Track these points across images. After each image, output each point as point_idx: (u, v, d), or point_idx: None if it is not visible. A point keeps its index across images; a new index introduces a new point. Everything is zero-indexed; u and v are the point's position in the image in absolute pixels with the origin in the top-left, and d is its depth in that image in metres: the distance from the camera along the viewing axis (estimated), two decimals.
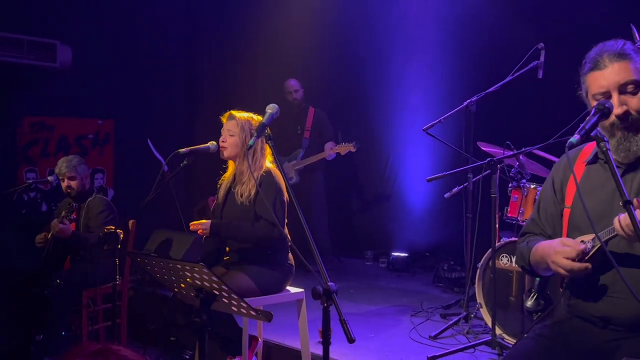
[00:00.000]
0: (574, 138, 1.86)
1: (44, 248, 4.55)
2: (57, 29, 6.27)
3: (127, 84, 7.03)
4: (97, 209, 4.58)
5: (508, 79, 4.34)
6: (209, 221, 3.53)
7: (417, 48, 6.71)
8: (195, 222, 3.52)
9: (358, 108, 7.10)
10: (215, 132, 3.83)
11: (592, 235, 2.05)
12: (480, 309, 4.22)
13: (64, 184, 4.63)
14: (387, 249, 6.96)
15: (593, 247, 2.03)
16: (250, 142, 2.84)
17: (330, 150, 6.33)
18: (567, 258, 2.04)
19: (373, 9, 6.87)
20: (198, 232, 3.53)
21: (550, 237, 2.31)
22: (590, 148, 2.29)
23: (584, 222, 2.12)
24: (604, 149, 1.94)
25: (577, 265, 2.03)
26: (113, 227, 3.48)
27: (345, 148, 6.23)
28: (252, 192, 3.57)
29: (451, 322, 4.39)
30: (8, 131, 6.33)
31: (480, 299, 4.23)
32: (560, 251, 2.07)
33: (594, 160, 2.24)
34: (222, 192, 3.78)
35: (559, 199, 2.30)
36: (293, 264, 3.71)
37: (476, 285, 4.26)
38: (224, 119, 3.65)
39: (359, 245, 7.26)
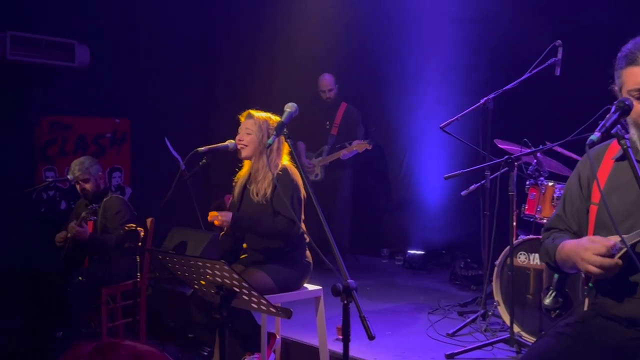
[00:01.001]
0: (595, 136, 1.86)
1: (63, 247, 4.59)
2: (75, 29, 6.33)
3: (144, 83, 7.08)
4: (113, 209, 4.61)
5: (525, 76, 4.33)
6: (230, 212, 3.55)
7: (433, 45, 6.70)
8: (214, 212, 3.51)
9: (374, 106, 7.11)
10: (231, 130, 3.86)
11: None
12: (498, 307, 4.22)
13: (79, 186, 4.65)
14: (403, 246, 6.96)
15: (620, 248, 1.98)
16: (269, 140, 2.87)
17: (346, 150, 6.30)
18: (597, 254, 1.99)
19: (389, 6, 6.87)
20: (215, 222, 3.50)
21: (575, 234, 2.28)
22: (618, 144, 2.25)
23: (610, 220, 2.09)
24: (625, 146, 1.94)
25: (607, 261, 1.97)
26: (134, 225, 3.52)
27: (361, 146, 6.20)
28: (268, 191, 3.60)
29: (469, 320, 4.39)
30: (27, 130, 6.41)
31: (497, 296, 4.23)
32: (590, 247, 2.01)
33: (623, 157, 2.16)
34: (237, 190, 3.81)
35: (585, 195, 2.27)
36: (310, 261, 3.73)
37: (494, 283, 4.26)
38: (242, 118, 3.68)
39: (375, 243, 7.27)
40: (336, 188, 6.53)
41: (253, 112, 3.65)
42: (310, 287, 3.69)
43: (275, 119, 3.61)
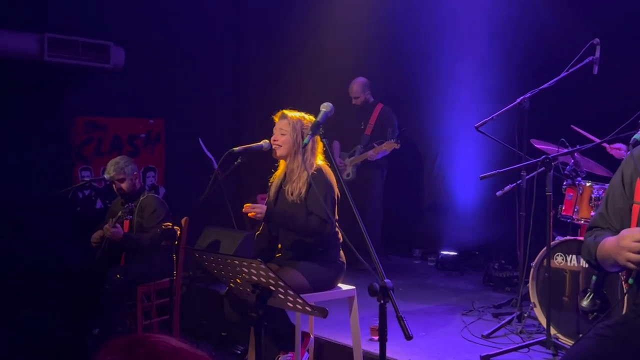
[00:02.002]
0: (639, 134, 1.84)
1: (99, 246, 4.67)
2: (110, 30, 6.44)
3: (178, 84, 7.17)
4: (150, 208, 4.67)
5: (563, 74, 4.28)
6: (265, 206, 3.58)
7: (467, 43, 6.66)
8: (249, 204, 3.53)
9: (406, 105, 7.09)
10: (263, 130, 3.89)
11: None
12: (534, 309, 4.18)
13: (115, 186, 4.73)
14: (435, 247, 6.93)
15: None
16: (305, 140, 2.89)
17: (372, 150, 6.28)
18: (636, 241, 1.97)
19: (421, 5, 6.84)
20: (249, 214, 3.51)
21: (618, 232, 2.27)
22: None
23: None
24: None
25: None
26: (170, 224, 3.56)
27: (390, 145, 6.18)
28: (303, 190, 3.62)
29: (504, 322, 4.35)
30: (63, 131, 6.53)
31: (533, 298, 4.19)
32: (628, 235, 2.00)
33: None
34: (272, 190, 3.84)
35: (628, 194, 2.25)
36: (344, 261, 3.75)
37: (529, 284, 4.22)
38: (276, 118, 3.71)
39: (407, 243, 7.25)
40: (367, 187, 6.53)
41: (287, 112, 3.68)
42: (344, 286, 3.70)
43: (309, 118, 3.64)
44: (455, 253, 6.69)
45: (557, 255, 4.10)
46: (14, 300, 4.96)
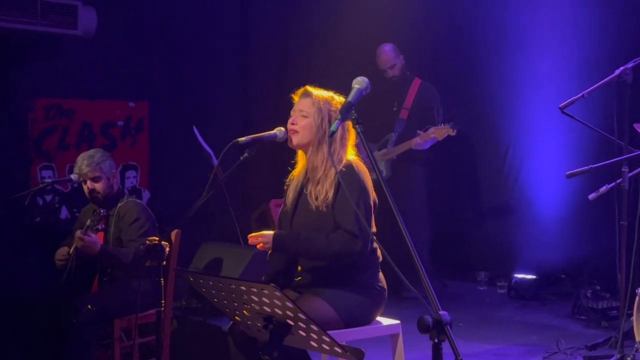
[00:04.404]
0: None
1: (65, 266, 4.69)
2: None
3: (165, 56, 7.19)
4: (129, 217, 4.68)
5: None
6: (271, 232, 3.58)
7: None
8: (254, 233, 3.57)
9: (468, 82, 7.06)
10: (276, 116, 3.87)
11: None
12: None
13: (87, 187, 4.73)
14: (507, 269, 6.92)
15: None
16: (333, 126, 2.86)
17: (419, 137, 6.20)
18: None
19: None
20: (257, 246, 3.56)
21: None
22: None
23: None
24: None
25: None
26: (157, 239, 3.56)
27: (442, 131, 6.11)
28: (330, 194, 3.59)
29: None
30: (17, 118, 6.57)
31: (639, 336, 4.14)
32: None
33: None
34: (291, 194, 3.82)
35: None
36: (385, 287, 3.73)
37: (634, 318, 4.18)
38: (296, 97, 3.69)
39: (468, 265, 7.27)
40: (406, 189, 6.51)
41: (311, 89, 3.66)
42: (386, 320, 3.69)
43: (340, 100, 3.61)
44: (534, 276, 6.66)
45: None
46: None
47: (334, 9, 7.35)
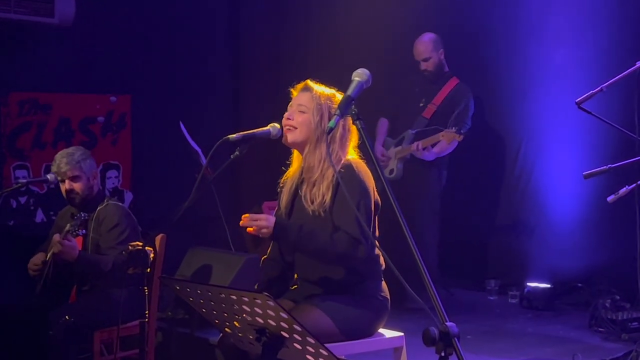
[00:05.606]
0: None
1: (40, 275, 4.69)
2: None
3: (150, 47, 7.19)
4: (109, 222, 4.68)
5: None
6: (272, 217, 3.56)
7: None
8: (250, 214, 3.50)
9: (473, 75, 7.05)
10: (270, 112, 3.86)
11: None
12: None
13: (65, 187, 4.73)
14: (519, 277, 6.92)
15: None
16: (331, 122, 2.84)
17: (420, 143, 6.19)
18: None
19: None
20: (248, 229, 3.46)
21: None
22: None
23: None
24: None
25: None
26: (140, 244, 3.56)
27: (449, 136, 6.10)
28: (328, 197, 3.59)
29: None
30: None
31: None
32: None
33: None
34: (285, 196, 3.82)
35: None
36: (388, 296, 3.73)
37: None
38: (294, 91, 3.70)
39: (477, 272, 7.27)
40: (419, 192, 6.49)
41: (312, 84, 3.66)
42: (388, 332, 3.71)
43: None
44: (548, 285, 6.66)
45: None
46: None
47: (327, 2, 7.35)
